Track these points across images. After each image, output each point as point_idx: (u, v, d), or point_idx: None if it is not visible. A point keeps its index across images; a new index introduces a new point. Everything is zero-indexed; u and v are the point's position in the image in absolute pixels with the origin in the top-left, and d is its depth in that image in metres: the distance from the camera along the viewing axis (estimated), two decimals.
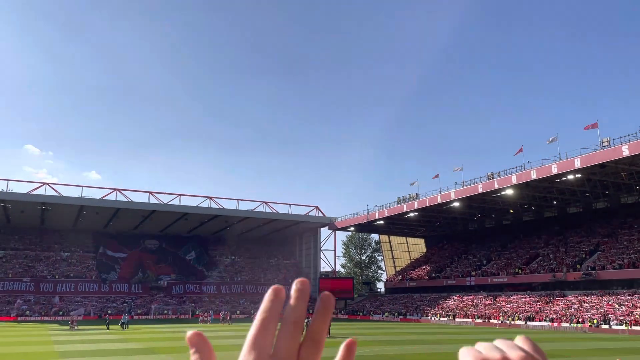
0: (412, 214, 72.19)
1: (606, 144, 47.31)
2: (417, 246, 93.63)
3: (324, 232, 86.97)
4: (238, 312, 73.47)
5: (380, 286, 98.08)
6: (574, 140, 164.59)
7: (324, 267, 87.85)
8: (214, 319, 61.06)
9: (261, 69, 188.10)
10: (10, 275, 71.24)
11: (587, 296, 53.20)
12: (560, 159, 50.97)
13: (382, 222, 78.20)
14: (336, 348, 0.66)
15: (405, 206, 70.25)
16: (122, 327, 44.90)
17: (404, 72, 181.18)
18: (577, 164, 48.73)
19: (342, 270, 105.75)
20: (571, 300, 53.67)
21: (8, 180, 65.78)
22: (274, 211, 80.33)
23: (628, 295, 49.90)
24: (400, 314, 69.88)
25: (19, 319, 63.55)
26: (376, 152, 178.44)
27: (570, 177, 52.32)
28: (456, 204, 65.38)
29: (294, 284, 0.59)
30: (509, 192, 58.46)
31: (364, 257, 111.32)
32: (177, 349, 25.47)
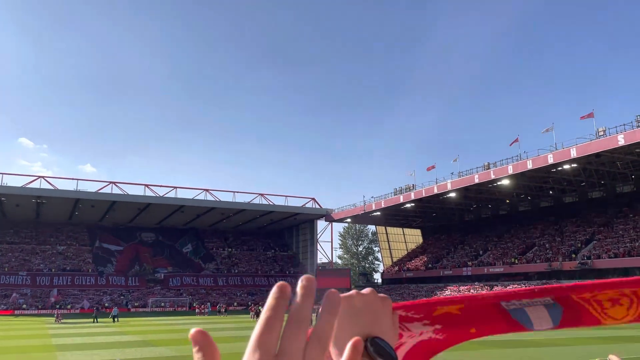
0: (408, 205, 72.25)
1: (602, 133, 47.43)
2: (413, 237, 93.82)
3: (320, 224, 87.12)
4: (235, 304, 73.67)
5: (377, 277, 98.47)
6: (570, 130, 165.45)
7: (321, 258, 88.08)
8: (211, 311, 61.32)
9: (258, 60, 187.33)
10: (6, 269, 71.11)
11: None
12: (556, 149, 51.06)
13: (378, 213, 78.22)
14: None
15: (401, 197, 70.26)
16: (113, 320, 45.02)
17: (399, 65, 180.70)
18: (573, 153, 48.82)
19: (339, 261, 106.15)
20: None
21: (3, 173, 65.75)
22: (271, 203, 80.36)
23: None
24: None
25: (16, 312, 63.54)
26: (373, 143, 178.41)
27: (566, 166, 52.47)
28: (452, 195, 65.42)
29: (300, 280, 0.57)
30: (505, 182, 58.60)
31: (360, 249, 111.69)
32: (175, 341, 25.46)
